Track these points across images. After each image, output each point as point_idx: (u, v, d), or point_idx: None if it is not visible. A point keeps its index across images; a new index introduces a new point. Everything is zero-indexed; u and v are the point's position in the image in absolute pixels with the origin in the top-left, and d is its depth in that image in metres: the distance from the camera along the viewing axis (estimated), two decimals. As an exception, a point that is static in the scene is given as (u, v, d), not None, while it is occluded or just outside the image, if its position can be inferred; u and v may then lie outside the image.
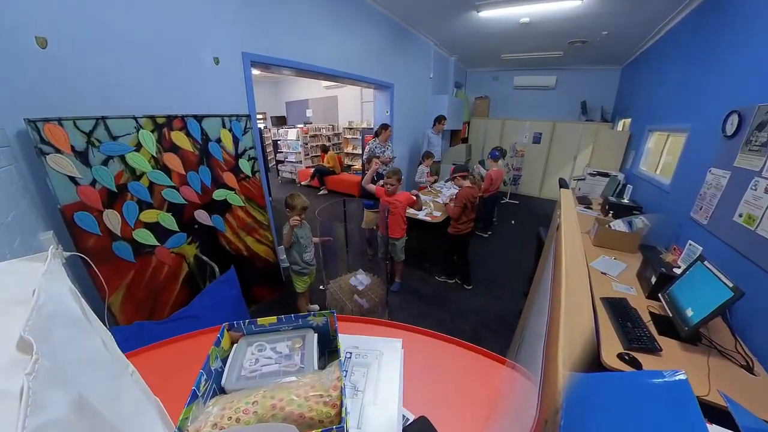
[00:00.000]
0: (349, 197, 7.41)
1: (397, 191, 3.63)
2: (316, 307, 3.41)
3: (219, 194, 2.98)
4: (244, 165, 3.15)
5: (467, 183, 3.79)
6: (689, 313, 1.93)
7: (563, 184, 5.30)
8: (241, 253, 3.23)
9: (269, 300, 3.56)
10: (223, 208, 3.03)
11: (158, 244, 2.59)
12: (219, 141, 2.88)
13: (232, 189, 3.07)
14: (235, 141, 3.03)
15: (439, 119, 6.25)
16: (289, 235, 2.87)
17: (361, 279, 3.10)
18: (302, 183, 9.56)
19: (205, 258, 2.84)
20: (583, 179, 5.67)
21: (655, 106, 4.97)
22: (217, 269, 2.80)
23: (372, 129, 6.72)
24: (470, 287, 4.07)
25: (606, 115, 7.90)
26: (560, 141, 8.29)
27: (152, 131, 2.47)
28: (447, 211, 4.06)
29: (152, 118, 2.46)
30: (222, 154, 2.96)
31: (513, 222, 6.57)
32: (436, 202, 4.69)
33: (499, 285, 4.21)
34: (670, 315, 2.07)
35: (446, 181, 5.56)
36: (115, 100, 2.40)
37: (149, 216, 2.52)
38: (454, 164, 4.74)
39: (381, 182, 3.75)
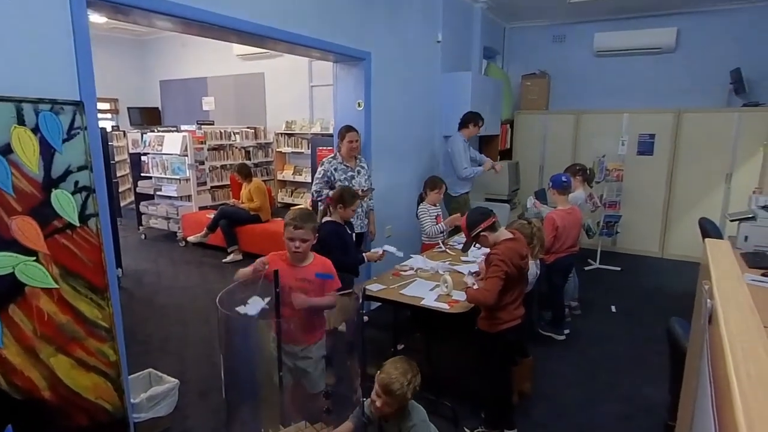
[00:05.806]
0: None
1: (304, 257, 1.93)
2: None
3: (-4, 264, 1.57)
4: (64, 201, 1.76)
5: (505, 237, 2.06)
6: None
7: (709, 229, 3.32)
8: (37, 396, 1.68)
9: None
10: (5, 293, 1.59)
11: None
12: (7, 151, 1.58)
13: (29, 253, 1.63)
14: (46, 153, 1.67)
15: (470, 120, 3.99)
16: None
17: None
18: (189, 239, 5.42)
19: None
20: (751, 218, 3.21)
21: None
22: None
23: (331, 136, 4.28)
24: None
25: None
26: (693, 146, 5.04)
27: None
28: (468, 298, 2.15)
29: None
30: (11, 179, 1.58)
31: (613, 309, 3.90)
32: (457, 272, 2.70)
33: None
34: None
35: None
36: None
37: None
38: (477, 212, 2.15)
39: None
